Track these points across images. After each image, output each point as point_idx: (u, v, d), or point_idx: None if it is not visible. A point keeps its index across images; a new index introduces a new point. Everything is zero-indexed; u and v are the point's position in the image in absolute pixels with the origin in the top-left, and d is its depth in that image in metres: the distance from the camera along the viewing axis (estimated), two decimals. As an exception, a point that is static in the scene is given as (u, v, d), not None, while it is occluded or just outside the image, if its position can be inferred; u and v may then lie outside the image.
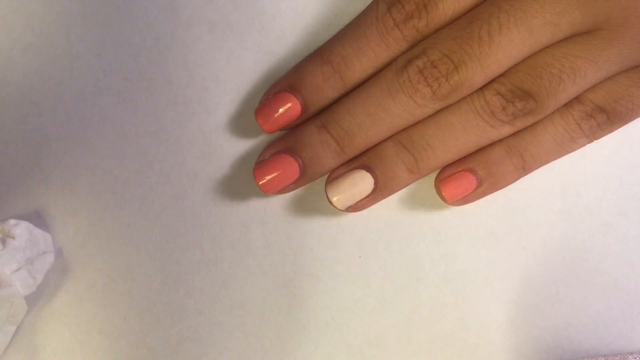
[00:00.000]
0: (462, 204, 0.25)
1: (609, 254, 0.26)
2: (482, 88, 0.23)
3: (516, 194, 0.25)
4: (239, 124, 0.25)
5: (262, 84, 0.25)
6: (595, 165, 0.26)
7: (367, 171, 0.24)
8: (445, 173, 0.24)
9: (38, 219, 0.25)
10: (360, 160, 0.24)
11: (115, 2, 0.25)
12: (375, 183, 0.24)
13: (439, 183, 0.24)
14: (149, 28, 0.25)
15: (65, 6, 0.25)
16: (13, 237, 0.24)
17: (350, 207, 0.24)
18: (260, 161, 0.24)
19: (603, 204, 0.26)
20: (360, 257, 0.25)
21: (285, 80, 0.24)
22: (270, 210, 0.25)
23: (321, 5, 0.25)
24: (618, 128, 0.24)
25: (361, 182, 0.24)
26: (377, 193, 0.24)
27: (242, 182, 0.25)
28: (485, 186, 0.24)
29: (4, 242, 0.23)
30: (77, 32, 0.25)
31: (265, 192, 0.24)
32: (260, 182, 0.24)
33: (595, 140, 0.24)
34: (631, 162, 0.26)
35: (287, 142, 0.24)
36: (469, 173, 0.24)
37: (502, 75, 0.23)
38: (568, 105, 0.23)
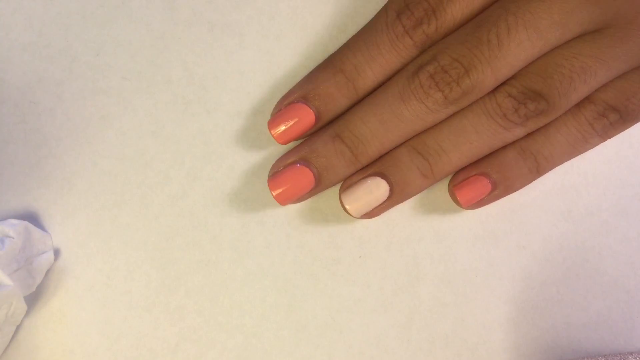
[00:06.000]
0: (477, 208, 0.25)
1: (609, 254, 0.26)
2: (494, 91, 0.23)
3: (516, 194, 0.25)
4: (239, 124, 0.25)
5: (261, 84, 0.25)
6: (595, 165, 0.26)
7: (382, 178, 0.24)
8: (459, 177, 0.24)
9: (37, 219, 0.25)
10: (374, 167, 0.24)
11: (114, 2, 0.25)
12: (390, 190, 0.24)
13: (453, 188, 0.24)
14: (149, 28, 0.25)
15: (65, 6, 0.25)
16: (13, 237, 0.23)
17: (365, 214, 0.24)
18: (274, 172, 0.24)
19: (603, 204, 0.26)
20: (360, 257, 0.25)
21: (298, 91, 0.24)
22: (270, 210, 0.25)
23: (320, 5, 0.25)
24: (630, 126, 0.24)
25: (376, 189, 0.24)
26: (392, 199, 0.24)
27: (241, 182, 0.25)
28: (499, 189, 0.24)
29: (3, 242, 0.23)
30: (76, 31, 0.25)
31: (280, 202, 0.24)
32: (275, 193, 0.24)
33: (608, 140, 0.24)
34: (631, 162, 0.26)
35: (301, 152, 0.24)
36: (483, 177, 0.24)
37: (512, 77, 0.22)
38: (580, 105, 0.23)
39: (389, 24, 0.23)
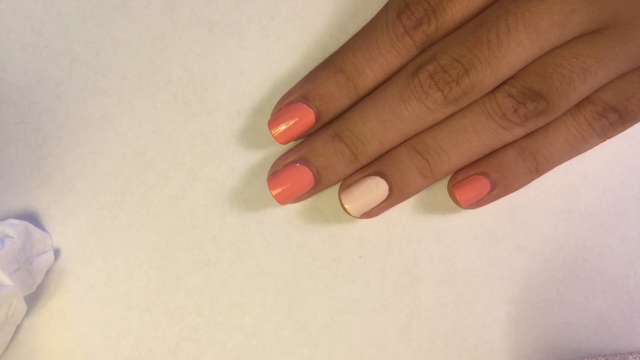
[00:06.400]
0: (476, 207, 0.25)
1: (609, 254, 0.26)
2: (493, 91, 0.23)
3: (516, 194, 0.25)
4: (239, 124, 0.25)
5: (261, 84, 0.25)
6: (595, 165, 0.26)
7: (382, 177, 0.24)
8: (459, 177, 0.24)
9: (38, 219, 0.25)
10: (374, 167, 0.24)
11: (114, 2, 0.25)
12: (390, 189, 0.24)
13: (452, 187, 0.24)
14: (149, 28, 0.25)
15: (65, 6, 0.25)
16: (13, 237, 0.23)
17: (364, 214, 0.24)
18: (274, 172, 0.24)
19: (603, 204, 0.26)
20: (360, 257, 0.25)
21: (298, 90, 0.24)
22: (270, 210, 0.25)
23: (320, 5, 0.25)
24: (630, 126, 0.24)
25: (376, 189, 0.24)
26: (392, 199, 0.24)
27: (241, 182, 0.25)
28: (499, 189, 0.24)
29: (3, 242, 0.23)
30: (76, 31, 0.25)
31: (280, 202, 0.24)
32: (275, 192, 0.24)
33: (607, 140, 0.24)
34: (631, 162, 0.26)
35: (300, 151, 0.24)
36: (483, 176, 0.24)
37: (512, 77, 0.23)
38: (579, 105, 0.23)
39: (389, 24, 0.23)
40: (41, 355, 0.25)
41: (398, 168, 0.24)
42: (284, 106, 0.24)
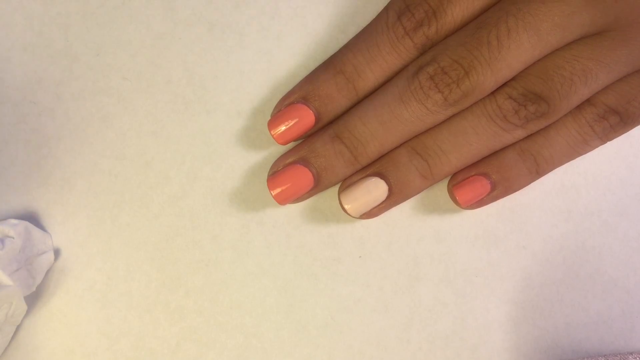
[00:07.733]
0: (476, 208, 0.25)
1: (609, 254, 0.26)
2: (494, 92, 0.23)
3: (516, 194, 0.25)
4: (239, 124, 0.25)
5: (261, 84, 0.25)
6: (595, 165, 0.26)
7: (381, 178, 0.24)
8: (459, 177, 0.24)
9: (38, 219, 0.25)
10: (373, 168, 0.24)
11: (114, 2, 0.25)
12: (389, 190, 0.24)
13: (452, 188, 0.24)
14: (148, 28, 0.25)
15: (65, 6, 0.25)
16: (13, 237, 0.23)
17: (364, 214, 0.24)
18: (274, 172, 0.24)
19: (603, 204, 0.26)
20: (360, 257, 0.25)
21: (298, 91, 0.24)
22: (270, 210, 0.25)
23: (320, 5, 0.25)
24: (631, 129, 0.24)
25: (375, 190, 0.24)
26: (391, 200, 0.24)
27: (241, 182, 0.25)
28: (499, 190, 0.24)
29: (3, 242, 0.23)
30: (76, 31, 0.25)
31: (280, 202, 0.24)
32: (275, 193, 0.24)
33: (608, 142, 0.24)
34: (631, 162, 0.26)
35: (300, 152, 0.24)
36: (483, 177, 0.24)
37: (513, 79, 0.22)
38: (580, 107, 0.23)
39: (390, 25, 0.23)
40: (41, 355, 0.25)
41: (398, 169, 0.24)
42: (284, 107, 0.24)
